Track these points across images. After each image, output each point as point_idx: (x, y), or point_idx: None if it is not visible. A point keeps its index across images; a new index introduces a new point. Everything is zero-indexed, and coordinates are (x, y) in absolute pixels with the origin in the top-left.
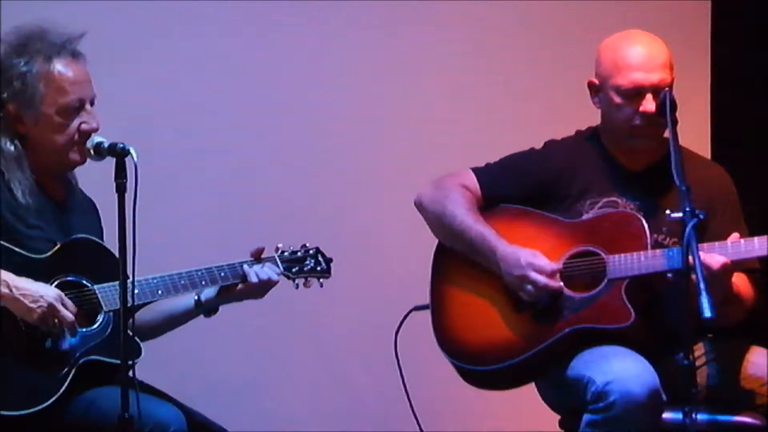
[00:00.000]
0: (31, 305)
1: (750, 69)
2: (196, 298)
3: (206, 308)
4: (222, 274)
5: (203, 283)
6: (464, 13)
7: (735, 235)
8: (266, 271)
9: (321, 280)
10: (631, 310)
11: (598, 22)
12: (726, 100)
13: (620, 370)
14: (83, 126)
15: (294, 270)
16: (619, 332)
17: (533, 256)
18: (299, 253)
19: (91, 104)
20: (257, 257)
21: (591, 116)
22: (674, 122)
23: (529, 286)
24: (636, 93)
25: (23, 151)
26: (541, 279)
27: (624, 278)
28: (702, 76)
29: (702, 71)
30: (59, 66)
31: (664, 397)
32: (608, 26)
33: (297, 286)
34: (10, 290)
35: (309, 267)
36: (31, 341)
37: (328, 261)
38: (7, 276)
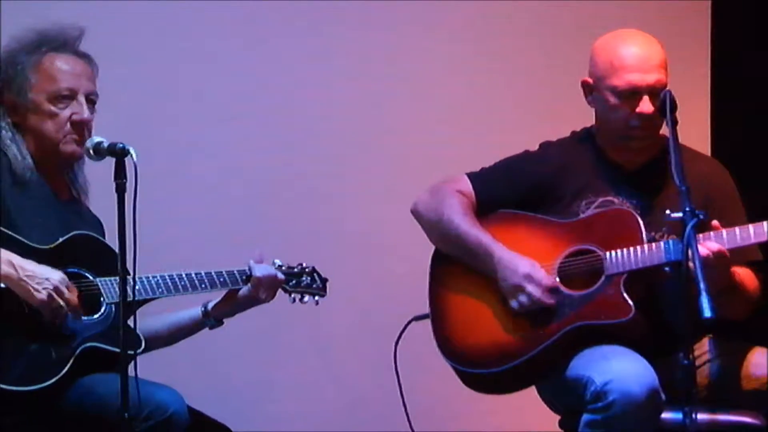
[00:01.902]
0: (36, 287)
1: (750, 69)
2: (203, 309)
3: (214, 318)
4: (221, 279)
5: (203, 286)
6: (462, 15)
7: (715, 223)
8: (270, 269)
9: (317, 298)
10: (631, 304)
11: (597, 22)
12: (726, 100)
13: (619, 369)
14: (74, 116)
15: (291, 283)
16: (619, 327)
17: (532, 267)
18: (296, 269)
19: (90, 101)
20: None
21: (589, 117)
22: (674, 122)
23: (524, 297)
24: (632, 94)
25: (21, 138)
26: (537, 293)
27: (622, 273)
28: (702, 75)
29: (702, 71)
30: (53, 57)
31: (663, 396)
32: (608, 26)
33: (293, 300)
34: (16, 271)
35: (305, 283)
36: (35, 324)
37: (324, 280)
38: (13, 258)
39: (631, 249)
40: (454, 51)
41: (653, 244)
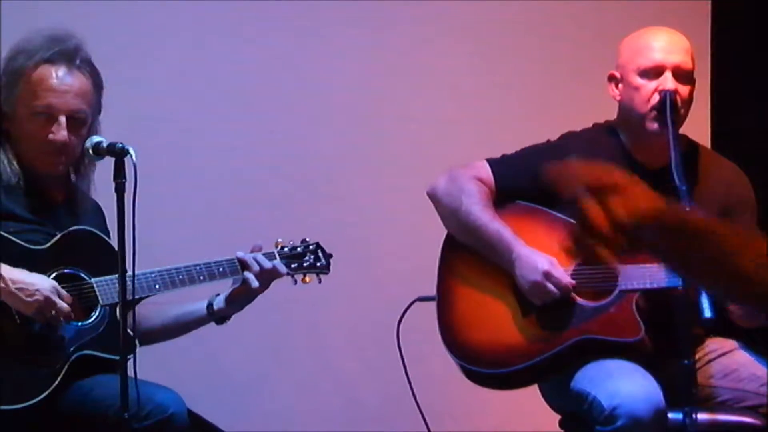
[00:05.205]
0: (27, 299)
1: (750, 69)
2: (207, 305)
3: (218, 316)
4: (220, 269)
5: (201, 278)
6: (466, 12)
7: None
8: (267, 260)
9: (319, 275)
10: (641, 325)
11: (597, 23)
12: (726, 99)
13: (627, 392)
14: (50, 136)
15: (293, 266)
16: (627, 345)
17: (551, 265)
18: (299, 249)
19: (76, 120)
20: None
21: (593, 115)
22: (674, 122)
23: (543, 295)
24: (656, 72)
25: (6, 144)
26: (555, 292)
27: (635, 290)
28: (702, 75)
29: (702, 71)
30: (44, 69)
31: (668, 415)
32: (608, 26)
33: (295, 282)
34: (7, 284)
35: (308, 263)
36: (25, 335)
37: (328, 257)
38: (4, 269)
39: (646, 266)
40: (456, 48)
41: None
